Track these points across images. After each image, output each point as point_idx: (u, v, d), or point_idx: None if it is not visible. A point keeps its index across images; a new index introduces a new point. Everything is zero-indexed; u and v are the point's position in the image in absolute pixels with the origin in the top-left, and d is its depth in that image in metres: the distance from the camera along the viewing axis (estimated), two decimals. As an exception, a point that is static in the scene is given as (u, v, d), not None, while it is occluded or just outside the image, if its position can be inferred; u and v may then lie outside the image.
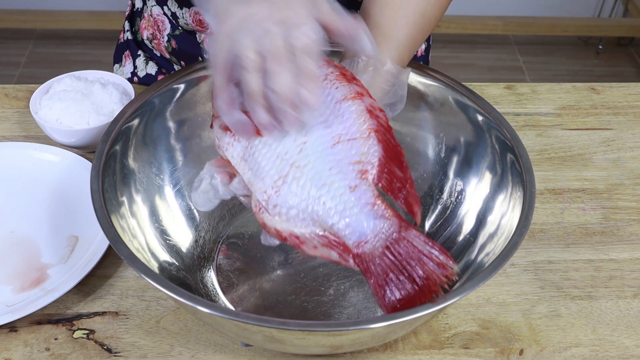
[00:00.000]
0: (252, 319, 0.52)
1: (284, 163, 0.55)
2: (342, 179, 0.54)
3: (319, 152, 0.55)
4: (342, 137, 0.55)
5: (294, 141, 0.55)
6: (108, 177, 0.64)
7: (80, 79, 0.87)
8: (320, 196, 0.54)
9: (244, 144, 0.57)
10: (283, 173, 0.55)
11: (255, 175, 0.56)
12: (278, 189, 0.55)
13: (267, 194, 0.55)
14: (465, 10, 2.60)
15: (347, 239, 0.53)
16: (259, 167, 0.56)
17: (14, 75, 2.37)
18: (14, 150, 0.83)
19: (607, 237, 0.79)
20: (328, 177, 0.54)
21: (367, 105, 0.57)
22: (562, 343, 0.68)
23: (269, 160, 0.56)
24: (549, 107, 0.97)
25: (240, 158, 0.57)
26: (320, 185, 0.54)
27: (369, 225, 0.53)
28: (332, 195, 0.54)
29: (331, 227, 0.54)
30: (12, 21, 2.44)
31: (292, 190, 0.54)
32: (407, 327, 0.61)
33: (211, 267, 0.73)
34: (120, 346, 0.66)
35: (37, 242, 0.74)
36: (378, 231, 0.53)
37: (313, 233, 0.54)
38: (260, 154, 0.56)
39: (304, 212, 0.54)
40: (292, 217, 0.54)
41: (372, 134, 0.55)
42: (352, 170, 0.54)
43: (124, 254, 0.57)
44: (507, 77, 2.49)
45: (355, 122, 0.56)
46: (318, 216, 0.54)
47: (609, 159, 0.89)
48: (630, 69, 2.59)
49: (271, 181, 0.55)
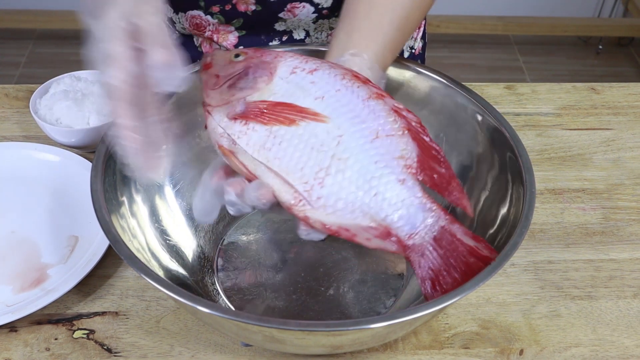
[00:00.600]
0: (252, 319, 0.52)
1: (322, 154, 0.54)
2: (390, 173, 0.54)
3: (359, 145, 0.55)
4: (380, 133, 0.55)
5: (328, 133, 0.55)
6: (108, 177, 0.64)
7: (80, 79, 0.87)
8: (371, 188, 0.54)
9: (264, 133, 0.55)
10: (324, 165, 0.54)
11: (288, 165, 0.54)
12: (321, 181, 0.54)
13: (309, 184, 0.54)
14: (465, 10, 2.60)
15: (399, 230, 0.54)
16: (291, 157, 0.54)
17: (14, 75, 2.37)
18: (14, 150, 0.83)
19: (607, 237, 0.79)
20: (376, 170, 0.54)
21: (392, 105, 0.57)
22: (562, 343, 0.68)
23: (303, 151, 0.54)
24: (549, 107, 0.97)
25: (260, 146, 0.55)
26: (368, 177, 0.54)
27: (419, 217, 0.54)
28: (383, 188, 0.54)
29: (384, 219, 0.54)
30: (12, 21, 2.44)
31: (338, 182, 0.54)
32: (407, 327, 0.61)
33: (211, 267, 0.73)
34: (120, 346, 0.66)
35: (37, 242, 0.74)
36: (427, 224, 0.54)
37: (364, 225, 0.54)
38: (290, 143, 0.54)
39: (353, 204, 0.54)
40: (340, 209, 0.54)
41: (406, 132, 0.56)
42: (397, 164, 0.55)
43: (124, 254, 0.56)
44: (507, 77, 2.50)
45: (387, 120, 0.56)
46: (369, 208, 0.54)
47: (609, 159, 0.89)
48: (630, 69, 2.59)
49: (312, 172, 0.54)
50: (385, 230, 0.54)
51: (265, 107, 0.56)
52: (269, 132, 0.55)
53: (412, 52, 0.96)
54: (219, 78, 0.58)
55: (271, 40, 0.87)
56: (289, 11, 0.82)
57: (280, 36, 0.86)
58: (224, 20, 0.83)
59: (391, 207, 0.54)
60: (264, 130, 0.55)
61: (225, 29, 0.85)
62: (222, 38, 0.85)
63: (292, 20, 0.84)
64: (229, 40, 0.86)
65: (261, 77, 0.57)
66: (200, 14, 0.83)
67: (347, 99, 0.56)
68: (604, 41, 2.65)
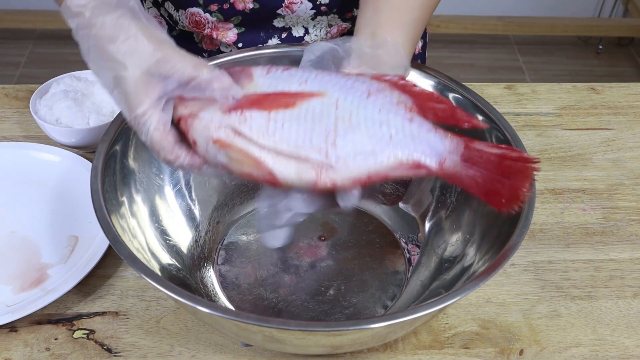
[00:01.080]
0: (252, 319, 0.52)
1: (325, 120, 0.54)
2: (396, 115, 0.55)
3: (356, 103, 0.55)
4: (372, 91, 0.56)
5: (323, 103, 0.55)
6: (108, 177, 0.64)
7: (80, 79, 0.87)
8: (383, 134, 0.54)
9: (263, 119, 0.55)
10: (330, 128, 0.54)
11: (297, 142, 0.54)
12: (333, 142, 0.54)
13: (322, 150, 0.54)
14: (465, 10, 2.60)
15: (428, 162, 0.54)
16: (297, 134, 0.54)
17: (14, 75, 2.37)
18: (14, 150, 0.83)
19: (607, 237, 0.79)
20: (382, 117, 0.55)
21: (371, 76, 0.58)
22: (562, 343, 0.68)
23: (306, 125, 0.54)
24: (549, 107, 0.97)
25: (264, 131, 0.54)
26: (378, 125, 0.54)
27: (439, 146, 0.55)
28: (395, 130, 0.54)
29: (409, 156, 0.54)
30: (12, 21, 2.44)
31: (350, 138, 0.54)
32: (407, 327, 0.61)
33: (211, 267, 0.73)
34: (120, 346, 0.66)
35: (37, 242, 0.74)
36: (452, 148, 0.55)
37: (392, 164, 0.54)
38: (292, 123, 0.54)
39: (373, 151, 0.54)
40: (361, 160, 0.54)
41: (394, 89, 0.57)
42: (399, 108, 0.55)
43: (124, 254, 0.56)
44: (507, 77, 2.50)
45: (372, 82, 0.57)
46: (390, 151, 0.54)
47: (609, 159, 0.89)
48: (630, 69, 2.59)
49: (322, 138, 0.54)
50: (415, 163, 0.54)
51: (259, 97, 0.56)
52: (267, 117, 0.55)
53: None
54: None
55: (270, 37, 0.87)
56: (287, 7, 0.82)
57: (279, 33, 0.86)
58: (222, 18, 0.83)
59: (410, 145, 0.54)
60: (262, 116, 0.55)
61: (224, 26, 0.85)
62: (222, 35, 0.86)
63: (291, 17, 0.84)
64: (228, 37, 0.86)
65: (241, 79, 0.58)
66: (200, 12, 0.83)
67: (329, 77, 0.57)
68: (604, 41, 2.65)
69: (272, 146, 0.54)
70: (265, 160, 0.54)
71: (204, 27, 0.85)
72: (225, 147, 0.55)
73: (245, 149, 0.55)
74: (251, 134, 0.55)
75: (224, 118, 0.56)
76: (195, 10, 0.83)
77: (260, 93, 0.56)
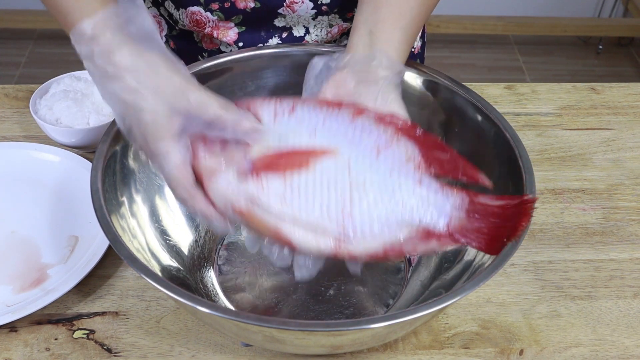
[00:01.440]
0: (252, 319, 0.52)
1: (340, 189, 0.56)
2: (407, 178, 0.56)
3: (367, 165, 0.56)
4: (380, 147, 0.57)
5: (337, 165, 0.56)
6: (108, 177, 0.64)
7: (80, 79, 0.86)
8: (397, 201, 0.56)
9: (280, 184, 0.56)
10: (346, 197, 0.55)
11: (314, 213, 0.55)
12: (349, 213, 0.55)
13: (340, 223, 0.55)
14: (465, 10, 2.60)
15: (436, 225, 0.56)
16: (314, 204, 0.55)
17: (14, 75, 2.37)
18: (14, 150, 0.83)
19: (607, 237, 0.79)
20: (394, 182, 0.56)
21: (374, 116, 0.59)
22: (562, 343, 0.68)
23: (322, 193, 0.56)
24: (549, 107, 0.97)
25: (281, 200, 0.55)
26: (390, 191, 0.56)
27: (446, 206, 0.56)
28: (407, 195, 0.56)
29: (420, 223, 0.56)
30: (12, 21, 2.44)
31: (366, 209, 0.55)
32: (407, 327, 0.61)
33: (211, 267, 0.73)
34: (120, 346, 0.66)
35: (37, 242, 0.74)
36: (456, 206, 0.56)
37: (405, 236, 0.56)
38: (308, 191, 0.56)
39: (387, 221, 0.55)
40: (378, 231, 0.55)
41: (400, 135, 0.58)
42: (408, 168, 0.57)
43: (124, 254, 0.56)
44: (507, 77, 2.50)
45: (379, 132, 0.58)
46: (403, 218, 0.56)
47: (609, 159, 0.89)
48: (630, 69, 2.59)
49: (339, 210, 0.55)
50: (425, 231, 0.56)
51: (273, 158, 0.57)
52: (283, 182, 0.56)
53: (411, 51, 0.96)
54: (206, 140, 0.57)
55: (271, 37, 0.87)
56: (288, 7, 0.82)
57: (280, 32, 0.86)
58: (223, 17, 0.83)
59: (420, 209, 0.56)
60: (279, 181, 0.56)
61: (225, 25, 0.85)
62: (222, 34, 0.86)
63: (292, 16, 0.84)
64: (229, 37, 0.86)
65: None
66: (200, 10, 0.83)
67: (337, 126, 0.58)
68: (604, 41, 2.65)
69: (291, 215, 0.55)
70: (285, 231, 0.55)
71: (205, 26, 0.85)
72: (245, 217, 0.56)
73: (265, 221, 0.56)
74: (269, 203, 0.55)
75: (242, 185, 0.56)
76: (196, 9, 0.83)
77: (273, 154, 0.57)
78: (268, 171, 0.56)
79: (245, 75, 0.76)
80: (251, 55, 0.75)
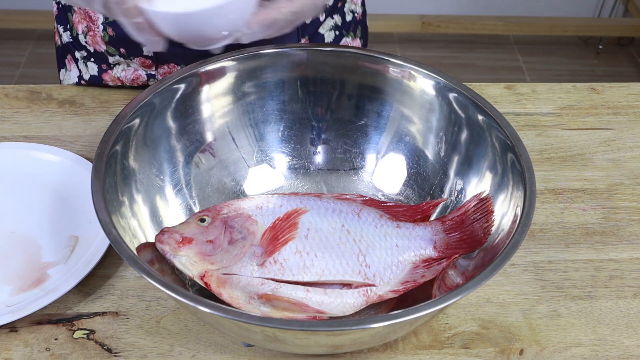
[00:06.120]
0: (254, 319, 0.52)
1: (349, 242, 0.66)
2: (388, 227, 0.68)
3: (359, 225, 0.67)
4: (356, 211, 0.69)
5: (334, 230, 0.66)
6: (109, 177, 0.64)
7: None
8: (392, 245, 0.66)
9: (294, 255, 0.64)
10: (356, 250, 0.65)
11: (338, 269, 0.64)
12: (364, 262, 0.65)
13: (362, 272, 0.64)
14: (465, 10, 2.60)
15: (430, 252, 0.67)
16: (332, 260, 0.64)
17: (14, 75, 2.37)
18: (14, 150, 0.83)
19: (607, 237, 0.79)
20: (382, 232, 0.67)
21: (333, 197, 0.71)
22: (562, 343, 0.68)
23: (334, 251, 0.65)
24: (549, 107, 0.97)
25: (303, 268, 0.63)
26: (384, 239, 0.67)
27: (428, 234, 0.68)
28: (396, 238, 0.67)
29: (415, 255, 0.66)
30: (12, 21, 2.44)
31: (375, 255, 0.65)
32: (407, 327, 0.61)
33: (211, 267, 0.73)
34: (120, 346, 0.66)
35: (38, 242, 0.74)
36: (436, 231, 0.68)
37: (411, 269, 0.66)
38: (321, 250, 0.65)
39: (393, 263, 0.66)
40: (392, 275, 0.65)
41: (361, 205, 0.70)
42: (385, 220, 0.68)
43: (124, 254, 0.56)
44: (507, 77, 2.50)
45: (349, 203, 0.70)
46: (403, 257, 0.66)
47: (609, 159, 0.89)
48: (630, 69, 2.59)
49: (355, 260, 0.65)
50: (422, 260, 0.66)
51: (272, 235, 0.64)
52: (296, 251, 0.64)
53: (354, 16, 0.96)
54: (214, 242, 0.64)
55: None
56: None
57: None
58: None
59: (411, 245, 0.67)
60: (292, 252, 0.64)
61: None
62: None
63: None
64: None
65: (246, 221, 0.65)
66: None
67: (312, 201, 0.69)
68: (604, 41, 2.65)
69: (317, 280, 0.63)
70: (310, 298, 0.62)
71: None
72: (270, 301, 0.61)
73: (294, 299, 0.62)
74: (293, 277, 0.63)
75: (264, 272, 0.63)
76: None
77: (268, 230, 0.65)
78: (274, 245, 0.64)
79: (244, 75, 0.76)
80: (250, 56, 0.75)
